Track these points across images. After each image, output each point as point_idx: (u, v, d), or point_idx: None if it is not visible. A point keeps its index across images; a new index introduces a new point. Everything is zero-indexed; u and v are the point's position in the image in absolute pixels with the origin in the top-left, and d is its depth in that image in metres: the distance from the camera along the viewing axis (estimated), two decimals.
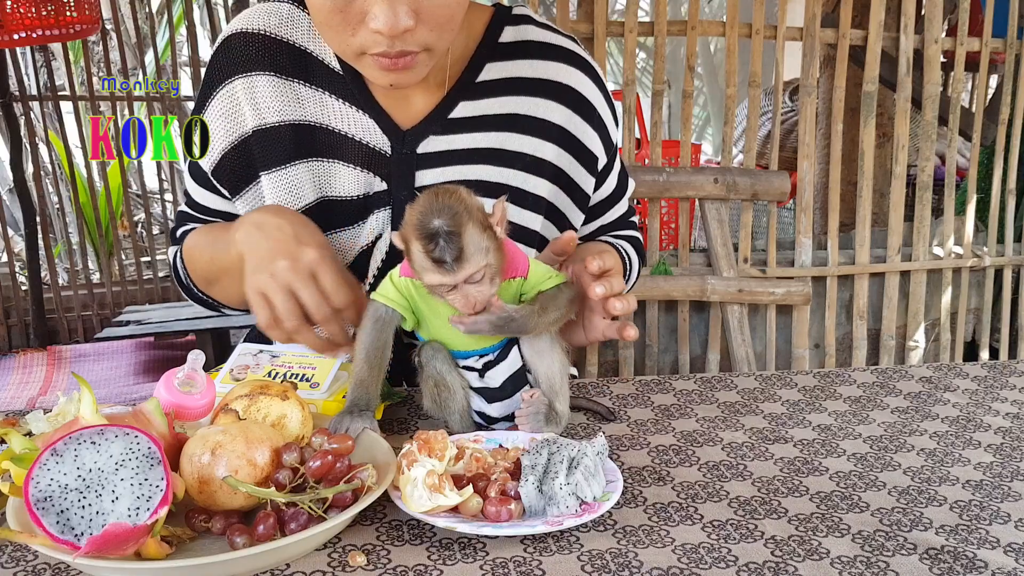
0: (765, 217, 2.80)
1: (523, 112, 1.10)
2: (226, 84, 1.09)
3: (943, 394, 1.12)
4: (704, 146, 5.94)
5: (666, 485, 0.86)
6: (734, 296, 2.64)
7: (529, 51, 1.12)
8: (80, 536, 0.66)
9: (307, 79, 1.08)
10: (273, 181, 1.09)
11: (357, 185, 1.09)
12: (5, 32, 2.25)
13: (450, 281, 0.83)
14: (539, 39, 1.13)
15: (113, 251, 3.94)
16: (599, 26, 2.50)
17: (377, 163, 1.09)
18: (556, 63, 1.12)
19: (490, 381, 0.94)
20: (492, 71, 1.10)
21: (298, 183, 1.08)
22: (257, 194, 1.11)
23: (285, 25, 1.09)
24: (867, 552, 0.74)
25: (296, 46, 1.09)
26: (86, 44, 3.42)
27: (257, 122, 1.08)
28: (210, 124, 1.10)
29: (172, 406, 0.82)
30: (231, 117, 1.09)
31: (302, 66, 1.08)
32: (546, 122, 1.11)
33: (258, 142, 1.09)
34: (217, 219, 1.16)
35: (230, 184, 1.12)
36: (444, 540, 0.75)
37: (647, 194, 2.61)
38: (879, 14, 2.67)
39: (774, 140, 2.75)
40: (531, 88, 1.11)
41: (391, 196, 1.10)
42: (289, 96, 1.08)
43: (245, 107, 1.08)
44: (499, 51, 1.11)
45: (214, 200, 1.15)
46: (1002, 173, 3.00)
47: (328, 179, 1.09)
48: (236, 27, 1.10)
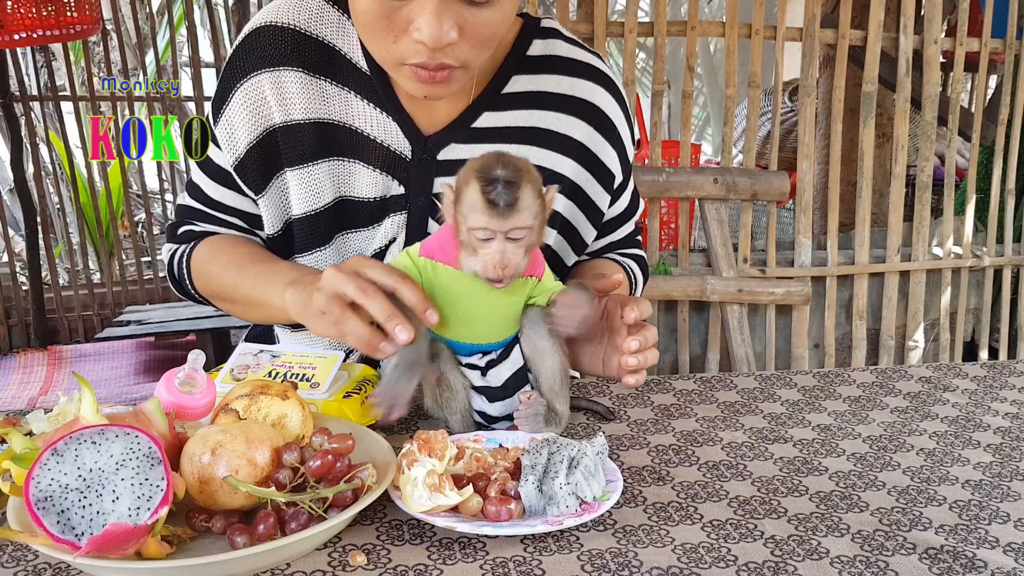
0: (765, 217, 2.80)
1: (545, 127, 1.10)
2: (252, 76, 1.06)
3: (943, 394, 1.12)
4: (704, 146, 5.93)
5: (666, 485, 0.86)
6: (734, 296, 2.64)
7: (556, 66, 1.11)
8: (80, 536, 0.66)
9: (334, 77, 1.07)
10: (297, 178, 1.08)
11: (375, 187, 1.08)
12: (5, 32, 2.25)
13: (496, 227, 0.83)
14: (566, 55, 1.13)
15: (113, 251, 3.94)
16: (599, 26, 2.50)
17: (397, 167, 1.08)
18: (581, 80, 1.12)
19: (492, 380, 0.95)
20: (518, 84, 1.10)
21: (319, 182, 1.08)
22: (280, 190, 1.09)
23: (315, 20, 1.07)
24: (867, 552, 0.74)
25: (325, 43, 1.07)
26: (86, 44, 3.42)
27: (284, 117, 1.06)
28: (234, 116, 1.07)
29: (172, 406, 0.82)
30: (256, 110, 1.07)
31: (330, 64, 1.07)
32: (567, 138, 1.10)
33: (284, 137, 1.07)
34: (232, 217, 1.14)
35: (255, 179, 1.09)
36: (444, 540, 0.76)
37: (647, 194, 2.61)
38: (879, 14, 2.67)
39: (774, 140, 2.75)
40: (555, 103, 1.10)
41: (408, 201, 1.09)
42: (315, 93, 1.06)
43: (272, 101, 1.06)
44: (527, 64, 1.10)
45: (232, 197, 1.12)
46: (1001, 173, 3.00)
47: (347, 179, 1.08)
48: (265, 19, 1.07)
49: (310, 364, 1.03)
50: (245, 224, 1.14)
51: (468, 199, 0.83)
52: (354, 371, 1.06)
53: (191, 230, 1.16)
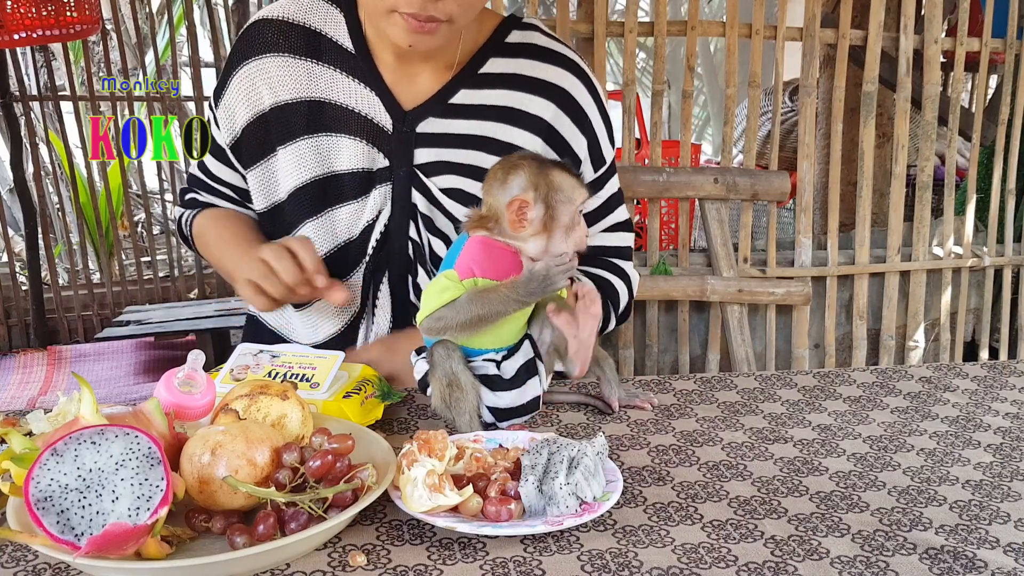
0: (765, 217, 2.80)
1: (517, 107, 1.16)
2: (243, 66, 1.18)
3: (943, 394, 1.12)
4: (704, 146, 5.93)
5: (666, 485, 0.86)
6: (734, 296, 2.64)
7: (532, 53, 1.18)
8: (80, 536, 0.66)
9: (319, 58, 1.17)
10: (288, 153, 1.18)
11: (360, 159, 1.16)
12: (5, 32, 2.25)
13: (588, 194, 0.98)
14: (543, 44, 1.19)
15: (113, 251, 3.94)
16: (599, 26, 2.50)
17: (379, 139, 1.16)
18: (555, 67, 1.18)
19: (505, 372, 0.97)
20: (495, 65, 1.17)
21: (307, 156, 1.17)
22: (268, 169, 1.20)
23: (304, 12, 1.18)
24: (867, 552, 0.74)
25: (311, 29, 1.18)
26: (86, 44, 3.42)
27: (274, 100, 1.17)
28: (231, 101, 1.20)
29: (172, 406, 0.82)
30: (249, 95, 1.18)
31: (315, 46, 1.17)
32: (535, 117, 1.16)
33: (275, 117, 1.18)
34: (227, 189, 1.28)
35: (248, 156, 1.21)
36: (444, 540, 0.75)
37: (647, 194, 2.61)
38: (879, 14, 2.67)
39: (774, 140, 2.74)
40: (528, 85, 1.17)
41: (391, 173, 1.17)
42: (301, 74, 1.17)
43: (261, 86, 1.18)
44: (505, 49, 1.18)
45: (226, 172, 1.26)
46: (1002, 173, 2.99)
47: (334, 153, 1.17)
48: (259, 15, 1.21)
49: (310, 364, 1.03)
50: (237, 196, 1.28)
51: (561, 186, 0.94)
52: (354, 371, 1.06)
53: (195, 198, 1.31)
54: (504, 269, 0.94)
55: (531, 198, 0.93)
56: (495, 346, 0.97)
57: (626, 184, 2.52)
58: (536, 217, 0.93)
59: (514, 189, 0.94)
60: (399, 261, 1.20)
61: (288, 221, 1.21)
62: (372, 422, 0.98)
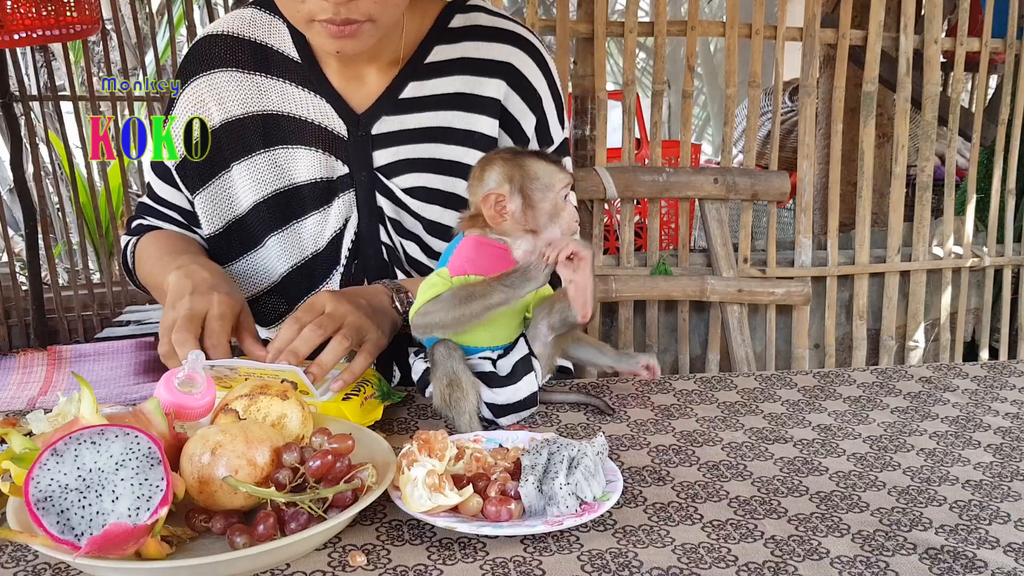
0: (765, 217, 2.80)
1: (469, 91, 1.16)
2: (191, 81, 1.17)
3: (943, 394, 1.12)
4: (704, 146, 5.93)
5: (666, 485, 0.86)
6: (734, 296, 2.64)
7: (476, 34, 1.17)
8: (80, 536, 0.66)
9: (268, 71, 1.16)
10: (244, 169, 1.16)
11: (319, 168, 1.15)
12: (5, 32, 2.25)
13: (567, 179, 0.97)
14: (487, 24, 1.18)
15: (113, 251, 3.94)
16: (599, 26, 2.50)
17: (336, 146, 1.15)
18: (501, 44, 1.17)
19: (501, 369, 0.97)
20: (440, 53, 1.16)
21: (265, 171, 1.16)
22: (223, 188, 1.17)
23: (247, 26, 1.17)
24: (867, 552, 0.74)
25: (257, 42, 1.16)
26: (86, 44, 3.42)
27: (224, 116, 1.16)
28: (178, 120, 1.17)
29: (172, 406, 0.82)
30: (198, 113, 1.17)
31: (262, 59, 1.16)
32: (490, 99, 1.16)
33: (226, 134, 1.16)
34: (175, 213, 1.23)
35: (197, 175, 1.18)
36: (444, 540, 0.75)
37: (647, 194, 2.61)
38: (879, 14, 2.67)
39: (774, 140, 2.74)
40: (475, 68, 1.16)
41: (352, 179, 1.15)
42: (251, 89, 1.15)
43: (210, 103, 1.16)
44: (448, 35, 1.16)
45: (174, 194, 1.22)
46: (1002, 173, 2.99)
47: (292, 165, 1.15)
48: (204, 32, 1.20)
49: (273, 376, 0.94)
50: (184, 220, 1.23)
51: (538, 174, 0.94)
52: None
53: (141, 224, 1.26)
54: (496, 266, 0.94)
55: (506, 191, 0.94)
56: (491, 344, 0.98)
57: (626, 184, 2.54)
58: (515, 208, 0.94)
59: (490, 183, 0.95)
60: (375, 266, 1.20)
61: (252, 235, 1.19)
62: (372, 422, 0.98)
